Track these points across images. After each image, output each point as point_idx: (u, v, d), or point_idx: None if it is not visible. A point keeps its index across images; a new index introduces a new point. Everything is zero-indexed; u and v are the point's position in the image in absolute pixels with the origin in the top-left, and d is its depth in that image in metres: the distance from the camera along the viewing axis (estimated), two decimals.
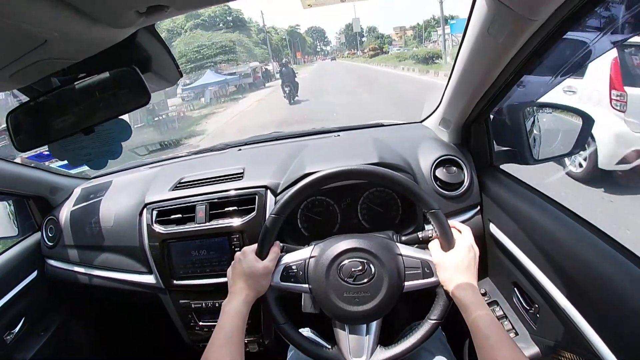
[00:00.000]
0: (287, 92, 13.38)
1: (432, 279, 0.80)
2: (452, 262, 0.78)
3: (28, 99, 0.74)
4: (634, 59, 3.07)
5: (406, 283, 0.81)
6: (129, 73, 0.67)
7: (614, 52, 2.99)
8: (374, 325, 0.84)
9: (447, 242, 0.80)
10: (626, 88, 2.95)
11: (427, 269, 0.81)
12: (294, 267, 0.84)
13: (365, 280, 0.79)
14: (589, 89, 3.21)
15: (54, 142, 0.79)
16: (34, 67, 0.62)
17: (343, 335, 0.84)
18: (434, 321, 0.80)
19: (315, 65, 57.92)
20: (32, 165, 1.40)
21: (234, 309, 0.76)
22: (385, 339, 0.85)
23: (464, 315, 0.72)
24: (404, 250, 0.83)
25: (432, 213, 0.80)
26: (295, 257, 0.85)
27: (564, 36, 0.74)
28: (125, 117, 0.76)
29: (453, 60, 0.97)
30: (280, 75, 14.23)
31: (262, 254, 0.83)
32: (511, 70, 0.85)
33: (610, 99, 3.01)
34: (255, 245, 0.85)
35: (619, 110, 2.99)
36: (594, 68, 3.08)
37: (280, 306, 0.85)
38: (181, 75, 0.82)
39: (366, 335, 0.83)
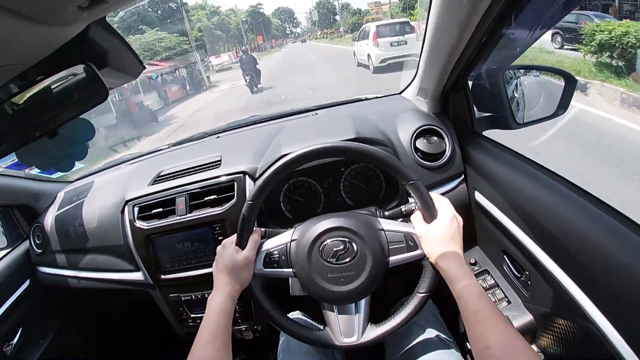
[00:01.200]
0: (247, 80, 12.73)
1: (417, 252, 0.79)
2: (435, 233, 0.77)
3: None
4: (380, 30, 11.03)
5: (391, 258, 0.80)
6: (84, 70, 0.65)
7: (373, 28, 11.36)
8: (362, 303, 0.83)
9: (429, 214, 0.79)
10: (378, 39, 10.74)
11: (410, 242, 0.80)
12: (275, 252, 0.83)
13: (348, 260, 0.78)
14: (370, 40, 11.01)
15: (19, 149, 0.78)
16: None
17: (332, 317, 0.83)
18: (422, 294, 0.79)
19: (282, 51, 46.22)
20: (12, 174, 1.37)
21: (218, 305, 0.75)
22: (376, 316, 0.85)
23: (450, 286, 0.72)
24: (386, 225, 0.82)
25: (411, 184, 0.78)
26: (276, 242, 0.84)
27: None
28: (86, 116, 0.74)
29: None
30: (240, 64, 13.48)
31: (241, 243, 0.82)
32: (483, 30, 0.81)
33: (374, 43, 10.79)
34: (234, 237, 0.83)
35: (376, 46, 10.74)
36: (369, 33, 11.22)
37: (266, 293, 0.84)
38: (143, 68, 0.79)
39: (355, 314, 0.82)
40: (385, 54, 10.47)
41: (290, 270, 0.82)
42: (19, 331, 1.25)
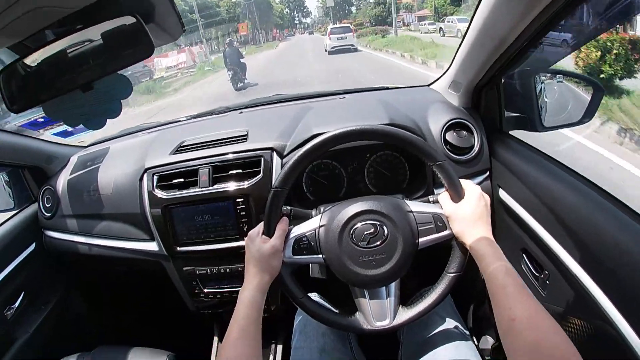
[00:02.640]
0: (230, 75, 11.41)
1: (446, 232, 0.79)
2: (464, 212, 0.77)
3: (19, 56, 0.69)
4: (332, 30, 19.66)
5: (420, 239, 0.79)
6: (131, 23, 0.63)
7: (329, 29, 20.71)
8: (393, 286, 0.83)
9: (457, 193, 0.79)
10: (330, 35, 19.15)
11: (439, 222, 0.80)
12: (304, 238, 0.81)
13: (379, 242, 0.78)
14: (327, 35, 20.31)
15: (48, 101, 0.75)
16: (25, 18, 0.56)
17: (364, 301, 0.83)
18: (452, 274, 0.79)
19: (280, 47, 32.96)
20: (26, 134, 1.34)
21: (248, 298, 0.73)
22: (405, 299, 0.85)
23: (480, 265, 0.71)
24: (414, 206, 0.82)
25: (438, 165, 0.78)
26: (304, 228, 0.83)
27: None
28: (124, 72, 0.71)
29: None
30: (224, 57, 12.37)
31: (269, 232, 0.80)
32: (531, 32, 0.80)
33: (328, 37, 19.30)
34: (260, 227, 0.82)
35: (329, 39, 19.03)
36: (327, 31, 21.44)
37: (296, 281, 0.83)
38: (184, 30, 0.77)
39: (387, 298, 0.82)
40: (333, 44, 18.62)
41: (320, 256, 0.81)
42: (21, 295, 1.23)
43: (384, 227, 0.78)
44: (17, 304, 1.21)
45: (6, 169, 1.38)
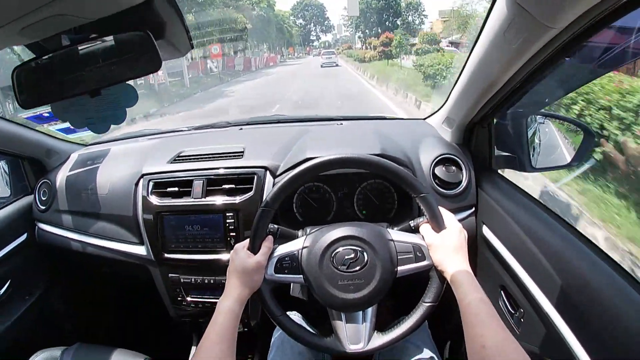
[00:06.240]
0: None
1: (425, 263, 0.82)
2: (444, 242, 0.80)
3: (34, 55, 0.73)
4: (323, 52, 33.98)
5: (399, 268, 0.82)
6: (142, 38, 0.66)
7: (322, 51, 34.61)
8: (369, 311, 0.85)
9: (438, 225, 0.82)
10: (322, 55, 31.87)
11: (419, 252, 0.82)
12: (287, 258, 0.84)
13: (358, 268, 0.80)
14: (319, 55, 35.72)
15: (57, 102, 0.78)
16: (46, 22, 0.60)
17: (340, 324, 0.85)
18: (428, 304, 0.82)
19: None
20: (30, 126, 1.37)
21: (227, 307, 0.76)
22: (381, 325, 0.87)
23: (457, 293, 0.74)
24: (396, 235, 0.85)
25: (422, 197, 0.82)
26: (288, 248, 0.86)
27: (577, 47, 0.75)
28: (131, 82, 0.75)
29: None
30: None
31: (254, 248, 0.83)
32: (521, 77, 0.85)
33: (321, 57, 30.91)
34: (246, 242, 0.85)
35: (321, 58, 29.92)
36: (320, 53, 39.21)
37: (275, 298, 0.85)
38: (192, 47, 0.81)
39: (362, 322, 0.85)
40: (324, 61, 27.15)
41: (301, 276, 0.83)
42: (7, 283, 1.24)
43: (364, 253, 0.81)
44: (2, 291, 1.22)
45: (7, 157, 1.41)
